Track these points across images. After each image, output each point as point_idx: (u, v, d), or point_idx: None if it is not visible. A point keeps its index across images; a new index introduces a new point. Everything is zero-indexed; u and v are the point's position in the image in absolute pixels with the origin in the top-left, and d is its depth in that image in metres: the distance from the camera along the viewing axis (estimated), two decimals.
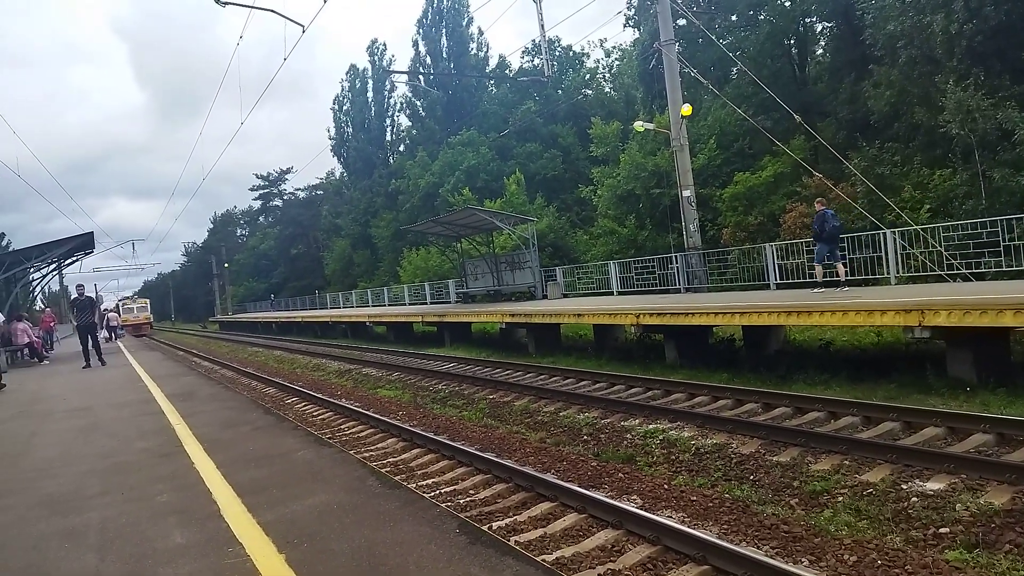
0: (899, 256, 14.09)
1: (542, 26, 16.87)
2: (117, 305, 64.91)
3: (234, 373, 23.53)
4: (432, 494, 7.14)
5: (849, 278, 14.60)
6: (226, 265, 78.42)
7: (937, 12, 15.95)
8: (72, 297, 17.97)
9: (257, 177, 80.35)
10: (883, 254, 14.29)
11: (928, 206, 16.65)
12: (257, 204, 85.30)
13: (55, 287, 65.53)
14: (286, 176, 78.58)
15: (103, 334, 36.40)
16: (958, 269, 13.07)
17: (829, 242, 13.51)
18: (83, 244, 18.85)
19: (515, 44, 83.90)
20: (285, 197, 79.57)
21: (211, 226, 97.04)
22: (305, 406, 15.16)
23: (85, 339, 17.34)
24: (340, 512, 4.09)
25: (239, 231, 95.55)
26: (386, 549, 3.46)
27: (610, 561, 5.65)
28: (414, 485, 7.21)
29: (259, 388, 18.42)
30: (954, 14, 15.47)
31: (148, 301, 66.01)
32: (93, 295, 18.32)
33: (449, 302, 30.82)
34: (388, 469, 8.25)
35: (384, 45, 55.42)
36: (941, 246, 13.34)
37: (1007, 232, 12.50)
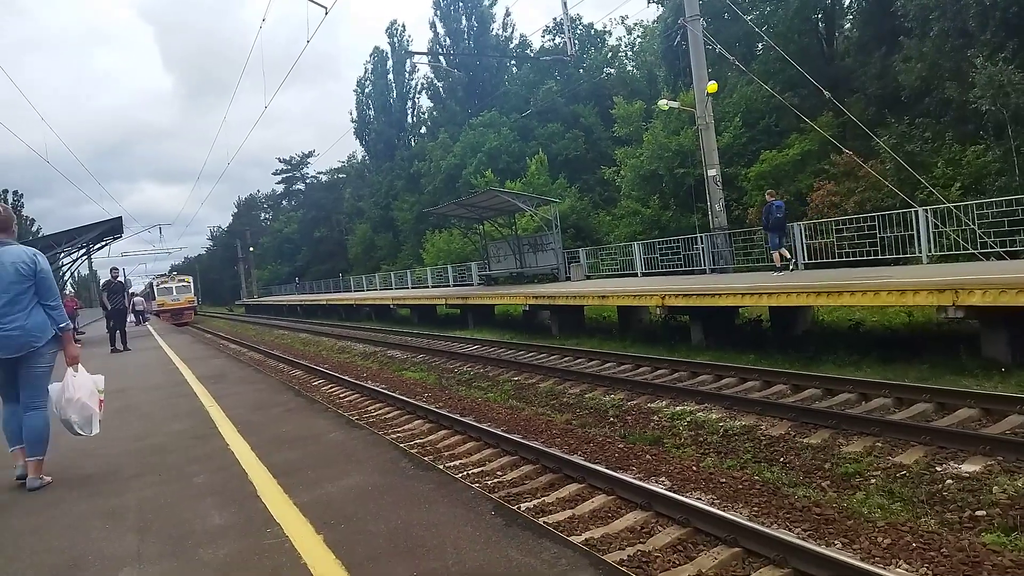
0: (931, 234, 13.81)
1: (564, 3, 16.65)
2: (150, 286, 59.19)
3: (261, 355, 23.85)
4: (461, 475, 7.20)
5: (879, 257, 14.50)
6: (251, 249, 79.24)
7: None
8: (104, 280, 18.21)
9: (280, 161, 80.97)
10: (915, 232, 14.02)
11: (960, 183, 16.29)
12: (280, 188, 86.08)
13: (84, 271, 57.86)
14: (308, 160, 79.13)
15: (130, 319, 37.09)
16: (991, 247, 12.79)
17: (775, 230, 15.07)
18: (112, 229, 19.14)
19: (535, 23, 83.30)
20: (308, 181, 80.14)
21: (235, 210, 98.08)
22: (332, 388, 15.34)
23: (114, 323, 17.63)
24: (375, 493, 4.12)
25: (263, 215, 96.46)
26: (423, 531, 3.47)
27: (639, 542, 5.65)
28: (443, 466, 7.28)
29: (286, 371, 18.65)
30: None
31: (191, 279, 54.11)
32: (123, 279, 18.61)
33: (472, 284, 30.88)
34: (416, 451, 8.32)
35: (403, 26, 55.29)
36: (975, 224, 13.06)
37: None
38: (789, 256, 15.25)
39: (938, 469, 6.10)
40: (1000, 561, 4.53)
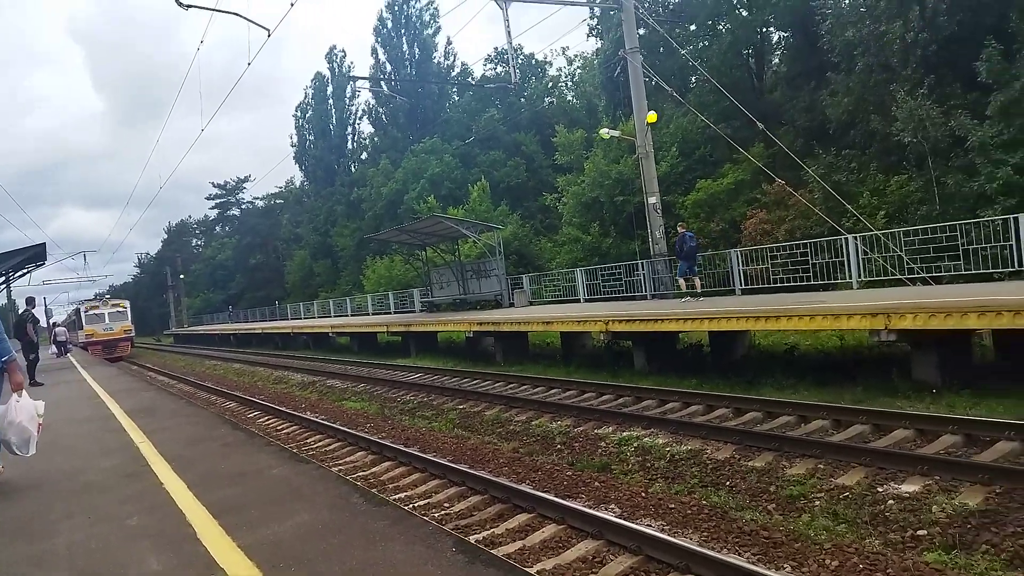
0: (860, 261, 14.38)
1: (508, 32, 16.85)
2: (76, 313, 48.53)
3: (192, 387, 22.92)
4: (409, 507, 6.99)
5: (812, 283, 15.04)
6: (182, 276, 76.55)
7: (894, 20, 16.42)
8: (22, 311, 17.03)
9: (214, 186, 78.90)
10: (845, 259, 14.57)
11: (884, 212, 17.07)
12: (214, 213, 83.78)
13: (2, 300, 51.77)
14: (244, 185, 77.37)
15: (51, 350, 35.16)
16: (918, 273, 13.40)
17: (687, 259, 15.84)
18: (34, 256, 17.99)
19: (474, 52, 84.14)
20: (243, 206, 78.26)
21: (165, 236, 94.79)
22: (269, 420, 14.81)
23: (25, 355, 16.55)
24: (326, 532, 3.90)
25: (195, 241, 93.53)
26: (381, 571, 3.29)
27: (592, 572, 5.58)
28: (395, 499, 7.06)
29: (219, 403, 17.95)
30: (910, 23, 15.94)
31: (127, 305, 44.51)
32: (31, 310, 17.34)
33: (413, 311, 30.54)
34: (360, 484, 8.06)
35: (344, 52, 55.00)
36: (902, 250, 13.67)
37: (963, 236, 12.87)
38: (698, 286, 16.00)
39: (879, 490, 6.25)
40: None
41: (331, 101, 54.51)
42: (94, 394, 12.55)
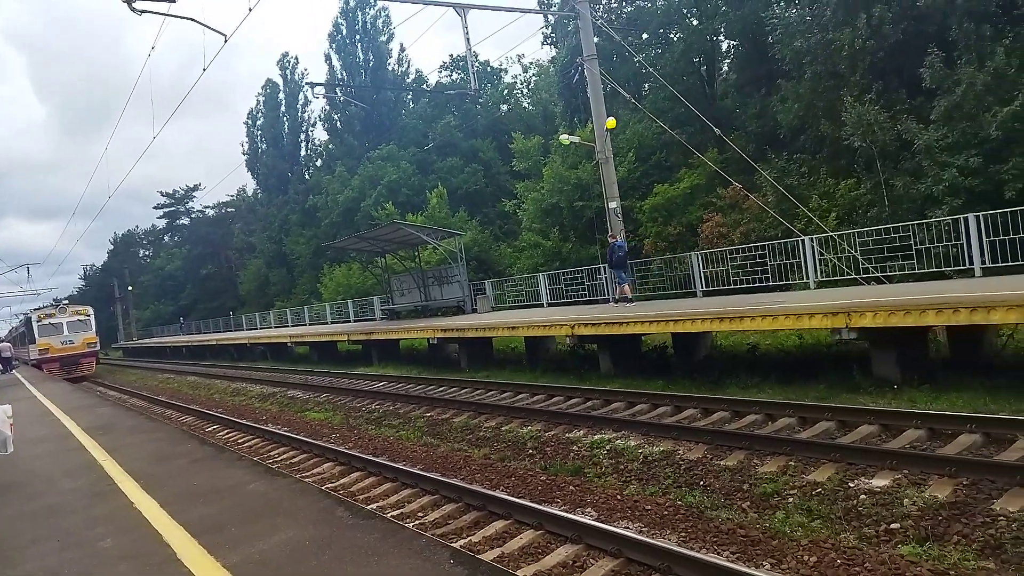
0: (816, 262, 14.75)
1: (467, 39, 16.81)
2: (27, 324, 40.39)
3: (146, 402, 22.25)
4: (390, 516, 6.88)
5: (769, 283, 15.38)
6: (130, 288, 74.11)
7: (842, 29, 16.91)
8: None
9: (163, 195, 76.74)
10: (801, 260, 14.93)
11: (835, 214, 17.54)
12: (162, 223, 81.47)
13: None
14: (194, 193, 75.44)
15: None
16: (872, 272, 13.80)
17: (619, 267, 16.38)
18: None
19: (428, 59, 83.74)
20: (193, 215, 76.29)
21: (112, 247, 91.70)
22: (229, 433, 14.48)
23: None
24: (315, 548, 3.78)
25: (143, 252, 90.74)
26: None
27: None
28: (374, 507, 6.92)
29: (176, 417, 17.45)
30: (858, 31, 16.44)
31: (91, 313, 37.67)
32: None
33: (374, 319, 30.19)
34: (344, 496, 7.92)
35: (296, 59, 54.18)
36: (857, 251, 14.06)
37: (915, 236, 13.31)
38: (628, 293, 16.37)
39: (851, 485, 6.39)
40: (919, 572, 4.77)
41: (283, 108, 53.64)
42: (47, 411, 12.04)
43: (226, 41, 13.52)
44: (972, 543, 5.09)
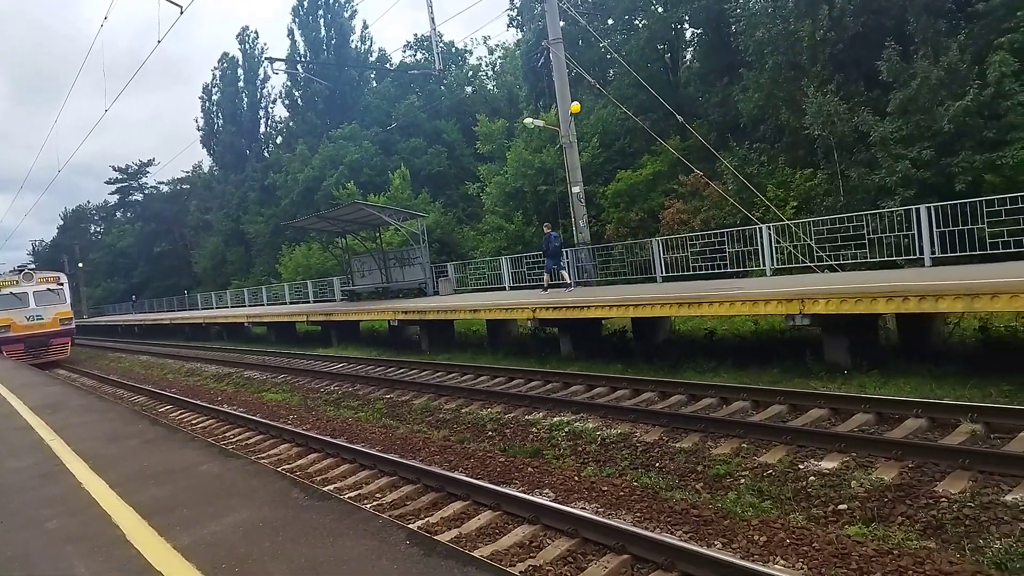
0: (773, 249, 15.03)
1: (432, 19, 16.63)
2: None
3: (97, 381, 21.68)
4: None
5: (728, 270, 15.65)
6: (80, 265, 71.83)
7: (803, 20, 17.17)
8: None
9: (114, 169, 74.28)
10: (759, 247, 15.19)
11: (793, 204, 17.89)
12: (114, 199, 79.01)
13: None
14: (147, 169, 73.20)
15: None
16: (826, 261, 14.13)
17: (553, 257, 17.12)
18: None
19: (392, 38, 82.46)
20: (147, 191, 74.11)
21: (62, 223, 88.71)
22: (182, 414, 14.21)
23: None
24: (269, 529, 3.72)
25: (94, 228, 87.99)
26: (333, 568, 3.14)
27: (530, 557, 5.62)
28: (331, 489, 6.86)
29: (128, 397, 17.04)
30: (819, 22, 16.71)
31: (64, 280, 30.97)
32: None
33: (334, 300, 29.84)
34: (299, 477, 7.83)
35: (256, 33, 52.90)
36: (812, 239, 14.36)
37: (868, 226, 13.65)
38: (568, 280, 17.18)
39: (800, 467, 6.56)
40: (865, 551, 4.92)
41: (242, 84, 52.34)
42: None
43: (182, 12, 13.12)
44: (915, 524, 5.27)
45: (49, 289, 28.84)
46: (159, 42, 14.98)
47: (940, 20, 15.64)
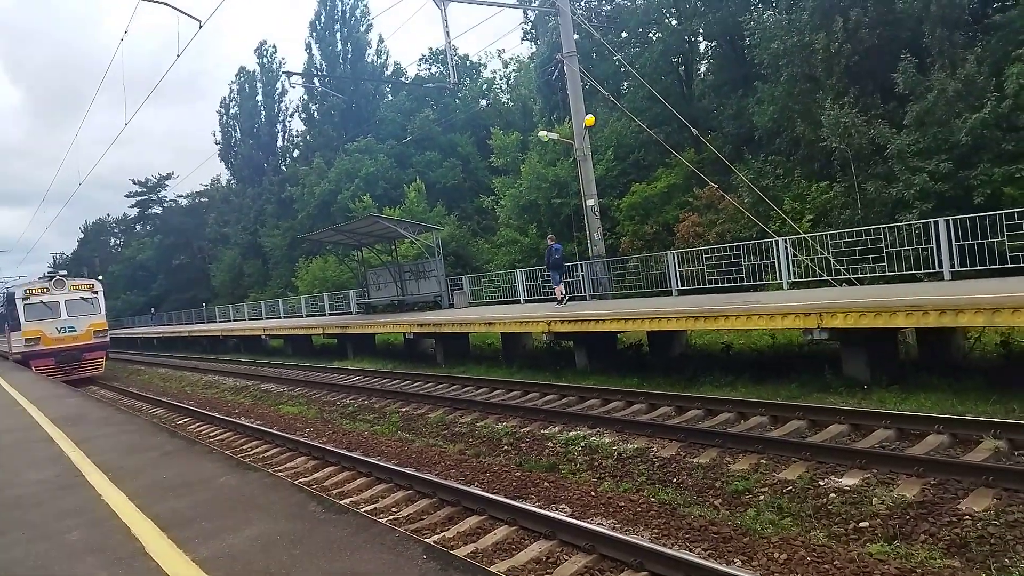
0: (789, 262, 14.94)
1: (447, 32, 16.73)
2: (8, 304, 28.54)
3: (116, 393, 21.91)
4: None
5: (744, 283, 15.57)
6: (100, 277, 72.58)
7: (818, 32, 17.13)
8: None
9: (134, 183, 75.27)
10: (775, 260, 15.11)
11: (809, 216, 17.80)
12: (134, 212, 80.00)
13: None
14: (167, 182, 74.13)
15: None
16: (843, 274, 14.02)
17: (555, 269, 17.23)
18: None
19: (406, 52, 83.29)
20: (166, 204, 75.01)
21: (82, 236, 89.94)
22: (200, 426, 14.33)
23: None
24: (286, 543, 3.74)
25: (113, 241, 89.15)
26: None
27: (547, 573, 5.61)
28: (347, 502, 6.88)
29: (146, 409, 17.19)
30: (834, 34, 16.67)
31: (99, 289, 28.44)
32: None
33: (350, 313, 29.98)
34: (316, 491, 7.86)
35: (274, 47, 53.41)
36: (829, 253, 14.27)
37: (886, 239, 13.54)
38: (565, 292, 17.17)
39: (821, 483, 6.49)
40: (887, 570, 4.86)
41: (260, 97, 52.93)
42: (13, 402, 11.78)
43: (200, 27, 13.32)
44: (939, 542, 5.20)
45: (82, 298, 26.51)
46: (178, 56, 15.20)
47: (957, 32, 15.54)
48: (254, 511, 4.35)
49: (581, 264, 19.68)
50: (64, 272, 31.01)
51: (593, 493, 7.52)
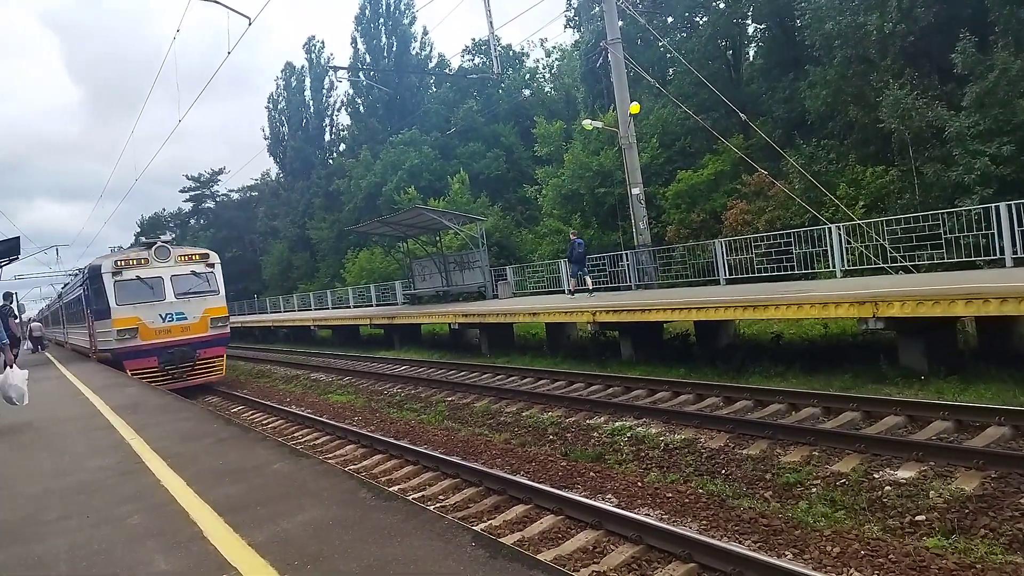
0: (843, 250, 14.54)
1: (491, 23, 16.78)
2: (89, 279, 19.18)
3: None
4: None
5: (794, 271, 15.23)
6: None
7: (872, 12, 16.56)
8: None
9: (188, 178, 77.47)
10: (828, 248, 14.72)
11: (863, 202, 17.28)
12: (188, 206, 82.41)
13: None
14: (219, 177, 76.09)
15: (26, 346, 34.25)
16: (900, 262, 13.58)
17: (577, 263, 17.75)
18: (8, 250, 17.00)
19: (449, 43, 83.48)
20: (218, 199, 77.05)
21: (139, 230, 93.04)
22: (253, 415, 14.73)
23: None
24: (338, 528, 3.82)
25: (169, 235, 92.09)
26: (401, 567, 3.20)
27: (594, 563, 5.59)
28: (396, 489, 6.99)
29: (201, 397, 17.73)
30: (888, 14, 16.09)
31: (217, 261, 20.45)
32: (9, 305, 16.19)
33: (396, 303, 30.36)
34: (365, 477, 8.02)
35: (322, 43, 54.33)
36: (885, 240, 13.83)
37: (944, 225, 13.06)
38: (589, 285, 17.68)
39: (875, 476, 6.32)
40: (945, 564, 4.71)
41: (308, 92, 53.82)
42: (77, 391, 12.28)
43: (250, 24, 13.59)
44: (1000, 537, 5.01)
45: (194, 272, 19.28)
46: (229, 53, 15.54)
47: (1022, 9, 14.83)
48: (306, 497, 4.45)
49: (626, 254, 19.50)
50: (168, 237, 21.35)
51: (639, 484, 7.48)
